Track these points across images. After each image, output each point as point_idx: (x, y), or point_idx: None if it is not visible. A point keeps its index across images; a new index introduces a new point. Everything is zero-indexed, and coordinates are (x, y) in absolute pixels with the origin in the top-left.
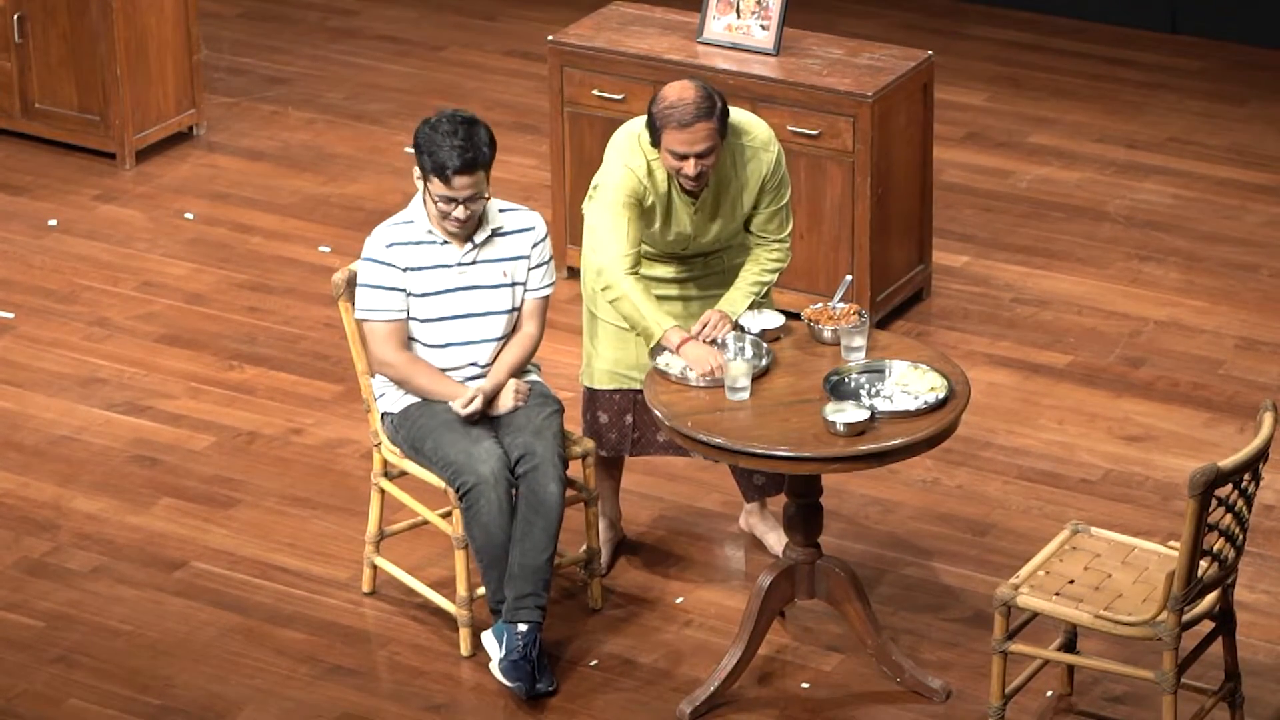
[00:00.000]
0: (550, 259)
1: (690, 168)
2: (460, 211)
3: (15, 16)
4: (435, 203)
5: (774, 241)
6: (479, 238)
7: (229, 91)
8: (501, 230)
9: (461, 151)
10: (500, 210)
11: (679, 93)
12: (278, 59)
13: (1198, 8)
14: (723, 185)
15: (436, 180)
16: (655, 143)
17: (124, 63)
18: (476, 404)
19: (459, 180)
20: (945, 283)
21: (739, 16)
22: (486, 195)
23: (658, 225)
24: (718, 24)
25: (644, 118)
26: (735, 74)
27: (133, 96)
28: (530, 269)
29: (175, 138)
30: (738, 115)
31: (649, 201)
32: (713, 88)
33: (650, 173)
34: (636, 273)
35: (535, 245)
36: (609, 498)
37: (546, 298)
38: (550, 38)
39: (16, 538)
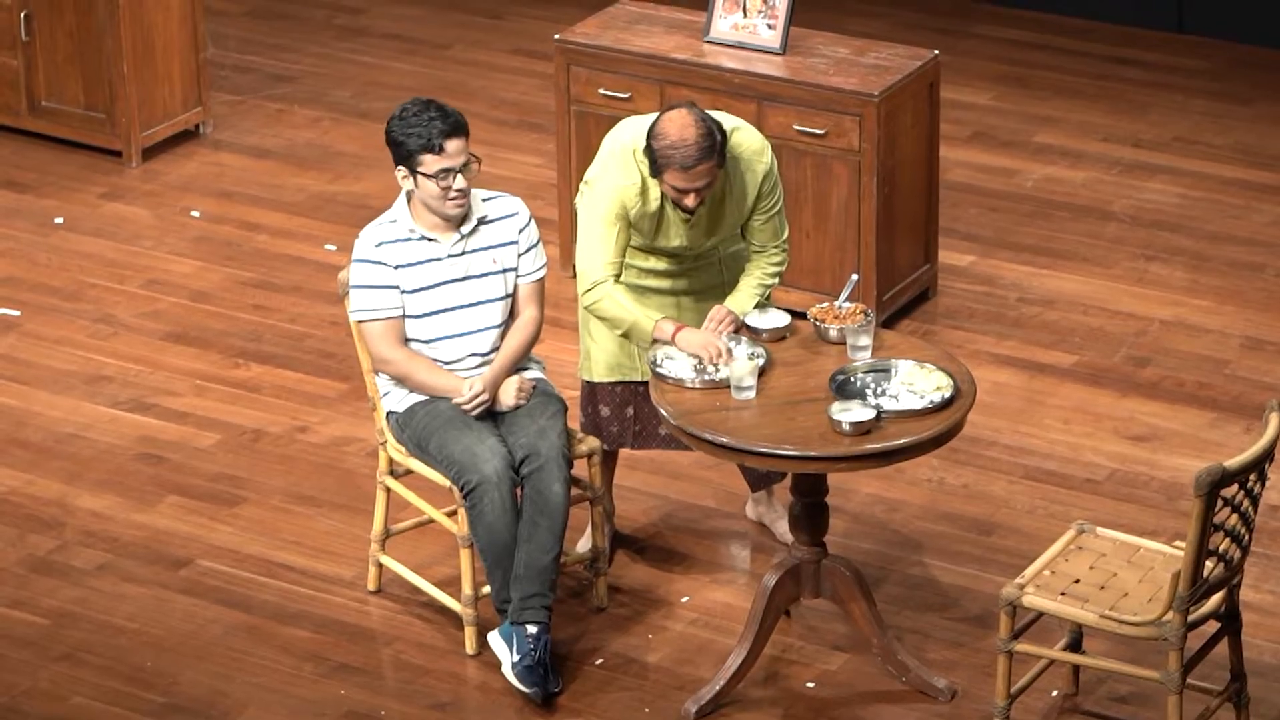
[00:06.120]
0: (538, 241)
1: (691, 200)
2: (460, 181)
3: (22, 14)
4: (433, 182)
5: (773, 248)
6: (465, 228)
7: (235, 89)
8: (487, 218)
9: (443, 118)
10: (483, 199)
11: (679, 131)
12: (284, 57)
13: (1204, 7)
14: (717, 199)
15: (428, 156)
16: (655, 175)
17: (130, 60)
18: (476, 389)
19: (451, 145)
20: (951, 282)
21: (745, 15)
22: (477, 165)
23: (650, 236)
24: (724, 23)
25: (641, 123)
26: (741, 73)
27: (139, 94)
28: (520, 255)
29: (181, 135)
30: (728, 124)
31: (637, 216)
32: (709, 117)
33: (644, 190)
34: (619, 278)
35: (522, 230)
36: (603, 492)
37: (541, 280)
38: (556, 36)
39: (22, 535)
